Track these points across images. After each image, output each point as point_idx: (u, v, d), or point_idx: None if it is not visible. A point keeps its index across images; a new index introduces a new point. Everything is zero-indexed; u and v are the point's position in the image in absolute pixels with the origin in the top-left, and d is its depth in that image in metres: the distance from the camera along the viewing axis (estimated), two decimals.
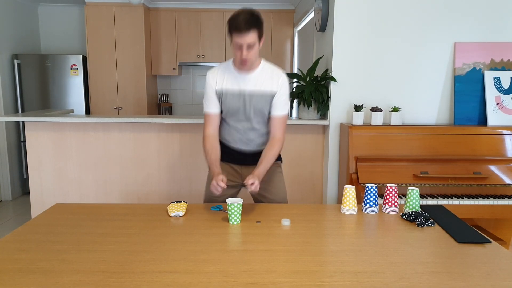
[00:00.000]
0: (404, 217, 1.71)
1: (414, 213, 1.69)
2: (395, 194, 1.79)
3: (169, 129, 3.13)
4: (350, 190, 1.78)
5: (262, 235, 1.51)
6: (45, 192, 3.16)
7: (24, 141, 4.82)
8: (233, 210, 1.63)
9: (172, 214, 1.71)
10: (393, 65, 2.97)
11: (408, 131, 2.66)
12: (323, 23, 3.12)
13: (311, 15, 4.12)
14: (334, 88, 3.00)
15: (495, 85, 2.88)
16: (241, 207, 1.64)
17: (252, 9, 1.77)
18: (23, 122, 4.60)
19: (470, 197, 2.46)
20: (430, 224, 1.62)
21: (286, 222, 1.63)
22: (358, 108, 2.84)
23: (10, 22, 4.62)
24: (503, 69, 2.91)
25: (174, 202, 1.79)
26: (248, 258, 1.30)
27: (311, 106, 3.04)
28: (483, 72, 2.91)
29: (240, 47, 1.77)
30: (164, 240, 1.46)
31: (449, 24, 2.93)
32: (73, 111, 4.20)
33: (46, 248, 1.37)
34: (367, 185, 1.78)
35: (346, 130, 2.74)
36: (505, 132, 2.66)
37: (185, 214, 1.74)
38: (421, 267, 1.25)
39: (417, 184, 2.52)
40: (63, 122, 3.07)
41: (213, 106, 1.95)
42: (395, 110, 2.85)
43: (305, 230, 1.57)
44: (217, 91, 1.93)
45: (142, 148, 3.15)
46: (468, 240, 1.46)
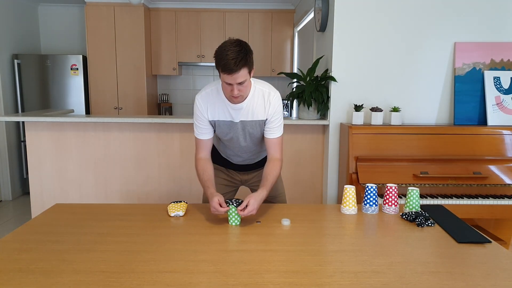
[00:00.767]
0: (404, 217, 1.71)
1: (414, 213, 1.69)
2: (395, 194, 1.79)
3: (169, 129, 3.13)
4: (350, 190, 1.78)
5: (262, 235, 1.51)
6: (45, 192, 3.16)
7: (24, 141, 4.82)
8: (233, 213, 1.62)
9: (172, 214, 1.71)
10: (393, 65, 2.97)
11: (408, 131, 2.66)
12: (323, 23, 3.12)
13: (311, 15, 4.12)
14: (334, 88, 3.00)
15: (495, 85, 2.88)
16: None
17: (238, 40, 1.62)
18: (23, 122, 4.60)
19: (470, 197, 2.46)
20: (430, 224, 1.62)
21: (286, 222, 1.63)
22: (358, 108, 2.84)
23: (10, 22, 4.62)
24: (503, 69, 2.91)
25: (174, 202, 1.79)
26: (248, 258, 1.30)
27: (311, 106, 3.04)
28: (483, 72, 2.91)
29: (230, 86, 1.66)
30: (164, 240, 1.46)
31: (449, 24, 2.93)
32: (73, 111, 4.21)
33: (46, 248, 1.37)
34: (367, 185, 1.78)
35: (346, 130, 2.74)
36: (505, 132, 2.66)
37: (185, 214, 1.74)
38: (421, 267, 1.25)
39: (417, 184, 2.52)
40: (63, 122, 3.07)
41: (204, 133, 1.88)
42: (395, 110, 2.85)
43: (305, 230, 1.57)
44: (210, 121, 1.86)
45: (142, 148, 3.15)
46: (468, 240, 1.46)
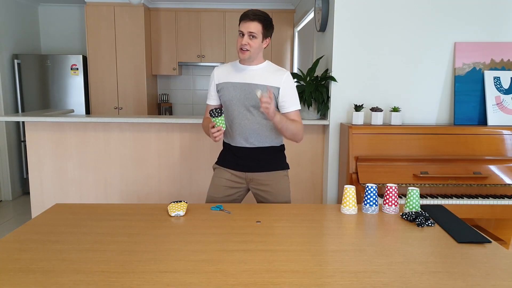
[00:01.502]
0: (404, 217, 1.71)
1: (414, 213, 1.69)
2: (395, 194, 1.79)
3: (169, 129, 3.13)
4: (350, 190, 1.78)
5: (262, 235, 1.51)
6: (45, 192, 3.16)
7: (24, 141, 4.82)
8: (218, 121, 1.79)
9: (172, 214, 1.71)
10: (393, 65, 2.97)
11: (408, 131, 2.66)
12: (323, 23, 3.12)
13: (311, 15, 4.12)
14: (334, 88, 3.00)
15: (495, 85, 2.88)
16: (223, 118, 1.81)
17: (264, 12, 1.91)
18: (23, 122, 4.61)
19: (470, 197, 2.46)
20: (430, 224, 1.62)
21: (259, 93, 1.72)
22: (358, 108, 2.84)
23: (10, 22, 4.62)
24: (503, 69, 2.92)
25: (174, 202, 1.79)
26: (248, 258, 1.30)
27: (311, 106, 3.04)
28: (483, 72, 2.91)
29: (242, 35, 1.87)
30: (164, 240, 1.46)
31: (449, 24, 2.93)
32: (73, 111, 4.20)
33: (46, 248, 1.37)
34: (367, 185, 1.78)
35: (346, 130, 2.74)
36: (505, 132, 2.66)
37: (185, 214, 1.74)
38: (421, 267, 1.25)
39: (417, 184, 2.52)
40: (63, 122, 3.07)
41: (211, 99, 2.08)
42: (395, 110, 2.85)
43: (305, 230, 1.57)
44: (217, 85, 2.01)
45: (142, 148, 3.15)
46: (468, 240, 1.46)
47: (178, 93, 5.74)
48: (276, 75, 1.94)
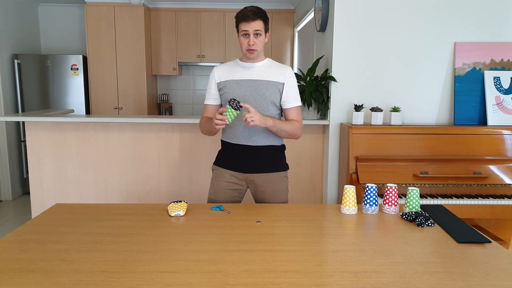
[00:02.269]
0: (404, 217, 1.71)
1: (414, 213, 1.69)
2: (395, 194, 1.79)
3: (169, 129, 3.13)
4: (350, 190, 1.78)
5: (262, 235, 1.51)
6: (45, 192, 3.16)
7: (24, 141, 4.82)
8: (229, 111, 1.76)
9: (172, 214, 1.71)
10: (393, 65, 2.97)
11: (408, 131, 2.66)
12: (323, 23, 3.12)
13: (311, 15, 4.12)
14: (334, 88, 3.00)
15: (495, 85, 2.88)
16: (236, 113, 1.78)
17: (258, 6, 1.91)
18: (23, 122, 4.61)
19: (470, 197, 2.46)
20: (430, 224, 1.62)
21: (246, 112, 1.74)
22: (358, 108, 2.84)
23: (10, 22, 4.62)
24: (503, 69, 2.92)
25: (174, 202, 1.79)
26: (248, 258, 1.30)
27: (311, 106, 3.04)
28: (483, 72, 2.91)
29: (247, 35, 1.88)
30: (164, 240, 1.46)
31: (449, 24, 2.93)
32: (73, 111, 4.21)
33: (46, 248, 1.37)
34: (367, 185, 1.78)
35: (346, 130, 2.74)
36: (505, 132, 2.66)
37: (185, 214, 1.74)
38: (421, 267, 1.25)
39: (417, 184, 2.52)
40: (63, 122, 3.07)
41: (210, 98, 2.06)
42: (395, 110, 2.85)
43: (305, 230, 1.57)
44: (218, 84, 2.00)
45: (142, 148, 3.15)
46: (468, 240, 1.46)
47: (178, 93, 5.74)
48: (279, 71, 1.97)
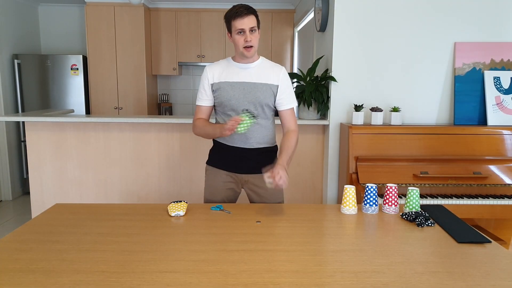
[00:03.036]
0: (404, 217, 1.71)
1: (414, 213, 1.69)
2: (395, 194, 1.79)
3: (169, 129, 3.13)
4: (350, 190, 1.78)
5: (262, 235, 1.51)
6: (45, 192, 3.16)
7: (24, 141, 4.82)
8: (246, 121, 1.74)
9: (172, 214, 1.71)
10: (393, 65, 2.97)
11: (408, 131, 2.66)
12: (323, 23, 3.12)
13: (311, 15, 4.12)
14: (334, 88, 3.00)
15: (495, 85, 2.88)
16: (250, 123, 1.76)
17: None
18: (23, 122, 4.61)
19: (470, 197, 2.46)
20: (430, 224, 1.62)
21: (268, 180, 1.68)
22: (358, 108, 2.84)
23: (10, 22, 4.62)
24: (503, 69, 2.92)
25: (174, 202, 1.79)
26: (248, 258, 1.30)
27: (311, 106, 3.04)
28: (483, 72, 2.91)
29: (243, 32, 1.83)
30: (164, 240, 1.46)
31: (449, 24, 2.93)
32: (73, 111, 4.21)
33: (46, 248, 1.37)
34: (367, 185, 1.78)
35: (346, 130, 2.74)
36: (505, 132, 2.66)
37: (185, 214, 1.74)
38: (421, 267, 1.25)
39: (417, 184, 2.52)
40: (63, 122, 3.07)
41: (204, 99, 1.99)
42: (395, 110, 2.85)
43: (305, 230, 1.57)
44: (212, 85, 1.95)
45: (142, 148, 3.15)
46: (468, 240, 1.46)
47: (178, 93, 5.74)
48: (273, 72, 1.94)
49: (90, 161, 3.15)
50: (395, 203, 1.79)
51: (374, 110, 2.83)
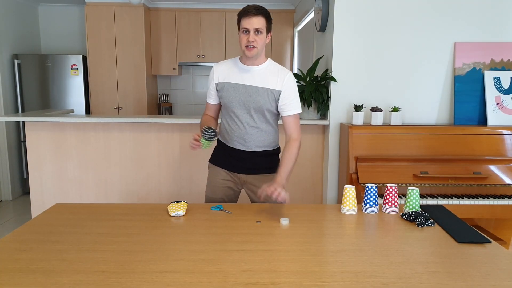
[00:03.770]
0: (404, 217, 1.71)
1: (414, 213, 1.69)
2: (395, 194, 1.79)
3: (169, 129, 3.13)
4: (350, 190, 1.78)
5: (262, 235, 1.51)
6: (45, 192, 3.16)
7: (24, 141, 4.82)
8: (203, 141, 1.77)
9: (172, 214, 1.71)
10: (393, 65, 2.97)
11: (408, 131, 2.66)
12: (323, 23, 3.12)
13: (311, 15, 4.12)
14: (334, 88, 3.00)
15: (495, 85, 2.88)
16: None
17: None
18: (23, 122, 4.60)
19: (470, 197, 2.46)
20: (430, 224, 1.62)
21: (285, 221, 1.64)
22: (358, 108, 2.84)
23: (10, 22, 4.62)
24: (503, 69, 2.92)
25: (174, 202, 1.79)
26: (248, 258, 1.30)
27: (311, 106, 3.04)
28: (483, 72, 2.91)
29: (247, 32, 1.80)
30: (164, 240, 1.46)
31: (449, 24, 2.93)
32: (73, 111, 4.20)
33: (46, 248, 1.37)
34: (367, 185, 1.78)
35: (346, 130, 2.74)
36: (505, 132, 2.66)
37: (185, 214, 1.74)
38: (421, 267, 1.25)
39: (417, 184, 2.52)
40: (63, 122, 3.07)
41: (211, 98, 2.03)
42: (395, 110, 2.85)
43: (305, 230, 1.57)
44: (217, 84, 1.96)
45: (142, 148, 3.15)
46: (468, 240, 1.46)
47: (178, 93, 5.74)
48: (277, 77, 1.88)
49: (90, 161, 3.14)
50: (395, 203, 1.79)
51: (374, 110, 2.83)
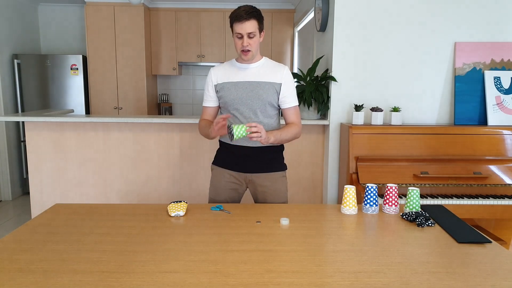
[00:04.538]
0: (404, 217, 1.71)
1: (414, 213, 1.69)
2: (395, 194, 1.79)
3: (169, 129, 3.13)
4: (350, 190, 1.77)
5: (262, 235, 1.51)
6: (45, 192, 3.16)
7: (24, 141, 4.82)
8: (238, 128, 1.70)
9: (172, 214, 1.71)
10: (393, 65, 2.97)
11: (408, 131, 2.66)
12: (323, 23, 3.12)
13: (311, 15, 4.12)
14: (334, 88, 3.00)
15: (495, 85, 2.88)
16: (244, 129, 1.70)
17: (252, 5, 1.88)
18: (23, 122, 4.60)
19: (470, 197, 2.46)
20: (430, 224, 1.62)
21: (285, 221, 1.64)
22: (358, 108, 2.84)
23: (10, 22, 4.62)
24: (503, 69, 2.91)
25: (174, 202, 1.79)
26: (248, 258, 1.30)
27: (311, 106, 3.04)
28: (483, 72, 2.91)
29: (241, 37, 1.85)
30: (164, 240, 1.46)
31: (449, 24, 2.93)
32: (73, 111, 4.20)
33: (46, 248, 1.37)
34: (367, 185, 1.78)
35: (346, 130, 2.74)
36: (505, 132, 2.66)
37: (185, 214, 1.74)
38: (421, 267, 1.25)
39: (417, 184, 2.52)
40: (63, 122, 3.07)
41: (208, 100, 2.05)
42: (395, 110, 2.85)
43: (305, 230, 1.57)
44: (216, 86, 1.99)
45: (142, 148, 3.15)
46: (468, 240, 1.46)
47: (178, 93, 5.74)
48: (276, 71, 1.95)
49: (90, 161, 3.14)
50: (395, 203, 1.78)
51: (374, 110, 2.83)
